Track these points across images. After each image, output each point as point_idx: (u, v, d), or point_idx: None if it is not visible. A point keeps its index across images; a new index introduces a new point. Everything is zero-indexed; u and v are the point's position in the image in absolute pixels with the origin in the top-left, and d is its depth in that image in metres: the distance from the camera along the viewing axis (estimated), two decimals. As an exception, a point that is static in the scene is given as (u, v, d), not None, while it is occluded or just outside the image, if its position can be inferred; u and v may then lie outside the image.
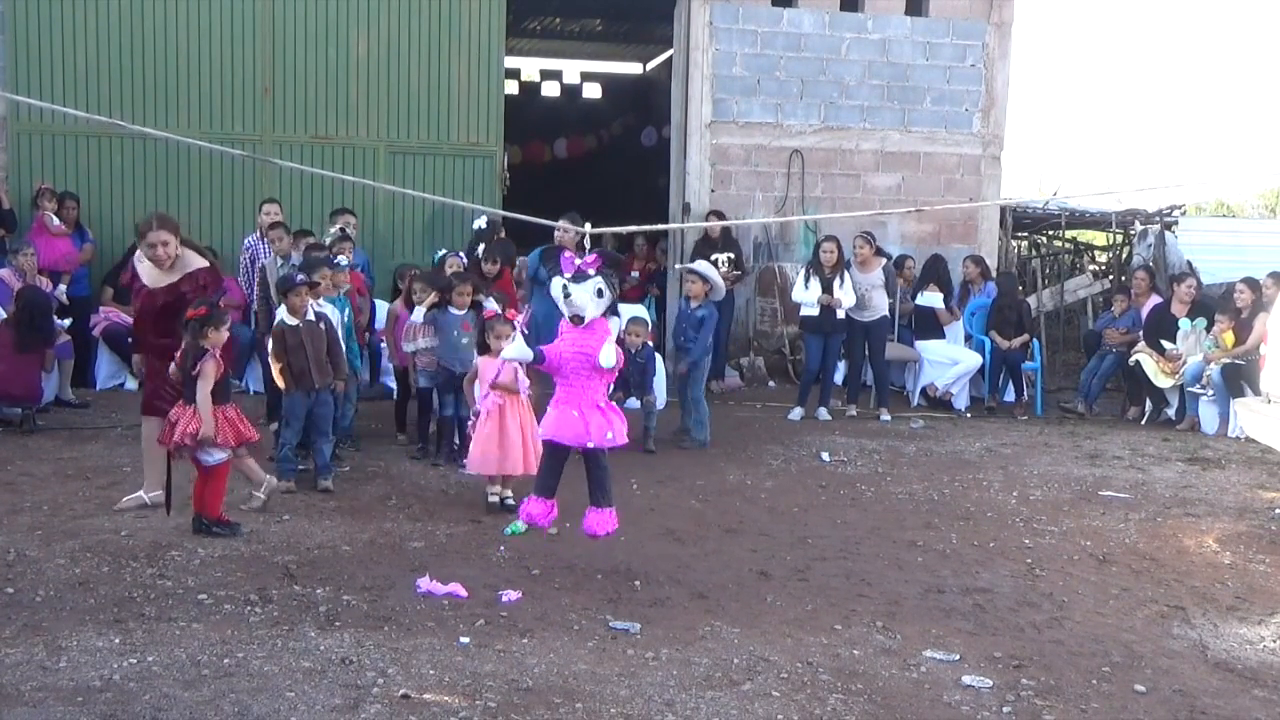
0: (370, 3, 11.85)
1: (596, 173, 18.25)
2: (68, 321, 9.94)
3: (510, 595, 5.42)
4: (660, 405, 9.58)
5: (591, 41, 18.50)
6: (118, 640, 4.73)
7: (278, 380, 7.39)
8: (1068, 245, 18.37)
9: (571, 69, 20.64)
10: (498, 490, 7.00)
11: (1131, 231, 15.29)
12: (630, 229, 6.84)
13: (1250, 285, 10.79)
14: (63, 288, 10.42)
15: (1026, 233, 17.36)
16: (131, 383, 9.85)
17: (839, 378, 11.06)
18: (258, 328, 9.35)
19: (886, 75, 12.90)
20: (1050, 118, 50.16)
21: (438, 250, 10.07)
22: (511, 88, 17.72)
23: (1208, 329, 10.86)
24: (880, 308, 10.82)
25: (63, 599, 5.22)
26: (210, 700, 4.19)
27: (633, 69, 20.48)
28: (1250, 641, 5.29)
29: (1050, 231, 17.25)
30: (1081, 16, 63.32)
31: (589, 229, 5.78)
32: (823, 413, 10.56)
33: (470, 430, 7.04)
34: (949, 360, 11.44)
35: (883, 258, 11.08)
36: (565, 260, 5.37)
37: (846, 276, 10.47)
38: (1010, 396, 11.52)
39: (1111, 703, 4.53)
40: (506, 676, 4.51)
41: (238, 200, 11.68)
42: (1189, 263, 13.45)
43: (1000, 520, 7.27)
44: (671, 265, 12.66)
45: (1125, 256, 15.99)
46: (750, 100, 12.65)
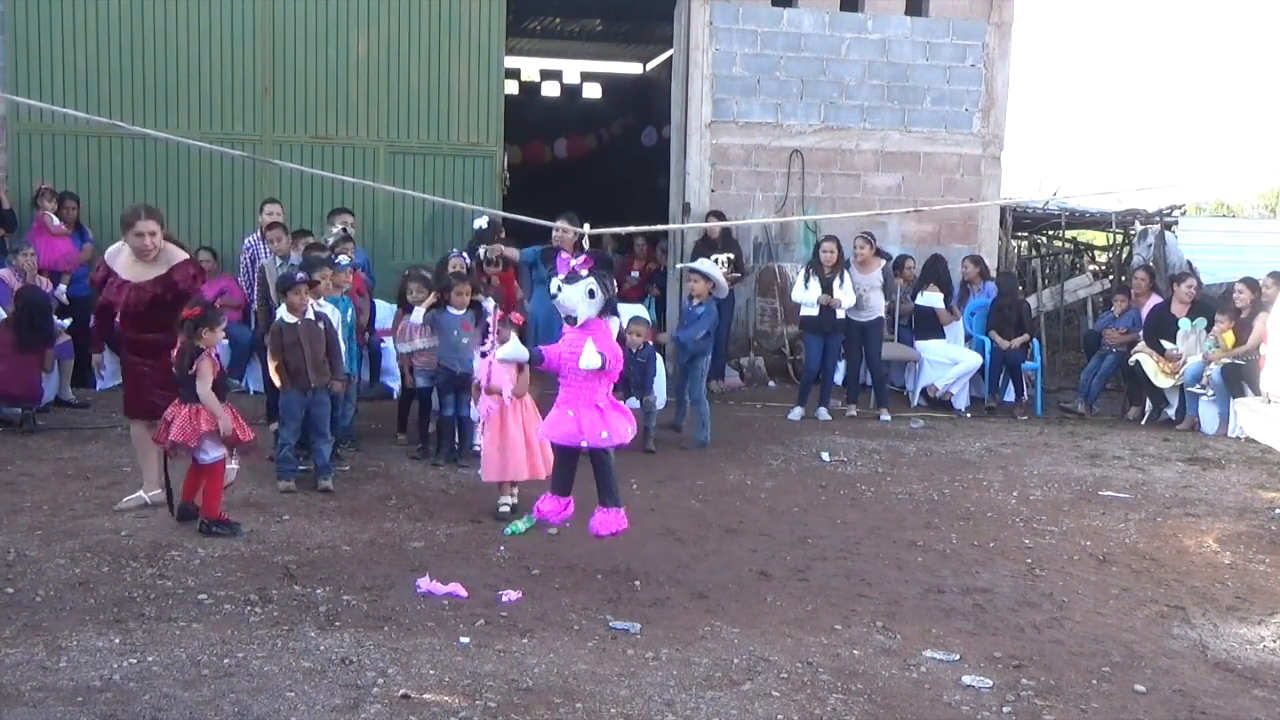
0: (370, 3, 11.85)
1: (596, 173, 18.21)
2: (68, 321, 9.93)
3: (510, 595, 5.43)
4: (660, 405, 9.58)
5: (591, 41, 18.48)
6: (118, 640, 4.73)
7: (274, 377, 7.40)
8: (1068, 245, 18.35)
9: (571, 69, 20.61)
10: (508, 501, 6.87)
11: (1131, 231, 15.28)
12: (630, 229, 6.83)
13: (1250, 285, 10.78)
14: (63, 288, 10.40)
15: (1026, 233, 17.34)
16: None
17: (839, 378, 11.06)
18: (257, 328, 9.34)
19: (886, 75, 12.89)
20: (1050, 118, 50.21)
21: (450, 250, 9.96)
22: (511, 88, 17.71)
23: (1208, 329, 10.86)
24: (876, 308, 10.81)
25: (63, 599, 5.22)
26: (210, 700, 4.20)
27: (633, 69, 20.47)
28: (1250, 641, 5.29)
29: (1050, 231, 17.23)
30: (1081, 16, 63.34)
31: (588, 229, 5.79)
32: (823, 413, 10.56)
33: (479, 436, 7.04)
34: (949, 360, 11.44)
35: (882, 258, 11.08)
36: (560, 261, 5.38)
37: (846, 277, 10.48)
38: (1010, 396, 11.50)
39: (1111, 703, 4.54)
40: (506, 676, 4.52)
41: (238, 200, 11.68)
42: (1189, 263, 13.44)
43: (1000, 520, 7.27)
44: (671, 265, 12.66)
45: (1125, 256, 15.98)
46: (750, 100, 12.64)
